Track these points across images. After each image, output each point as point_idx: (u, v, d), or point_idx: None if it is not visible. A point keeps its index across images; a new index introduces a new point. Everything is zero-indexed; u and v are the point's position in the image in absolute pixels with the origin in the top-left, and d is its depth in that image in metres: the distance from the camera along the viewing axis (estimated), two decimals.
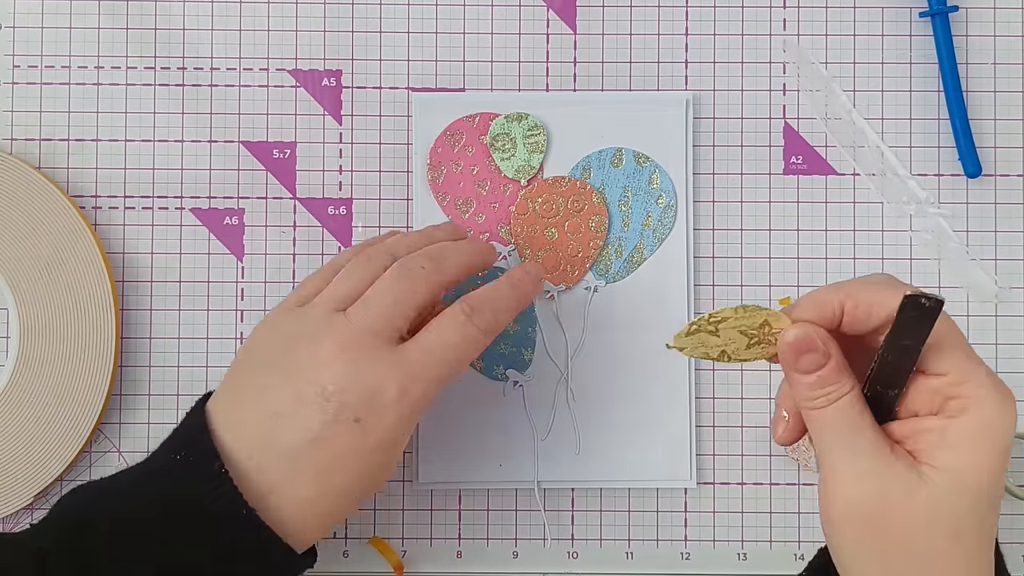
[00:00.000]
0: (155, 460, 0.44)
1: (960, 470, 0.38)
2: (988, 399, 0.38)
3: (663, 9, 0.56)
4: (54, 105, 0.56)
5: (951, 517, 0.38)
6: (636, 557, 0.55)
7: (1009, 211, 0.56)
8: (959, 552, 0.38)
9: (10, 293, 0.53)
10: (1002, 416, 0.38)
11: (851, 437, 0.39)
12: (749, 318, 0.43)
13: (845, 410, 0.39)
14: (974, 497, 0.38)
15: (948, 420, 0.38)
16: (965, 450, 0.38)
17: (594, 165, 0.55)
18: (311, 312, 0.45)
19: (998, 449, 0.38)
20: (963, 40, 0.56)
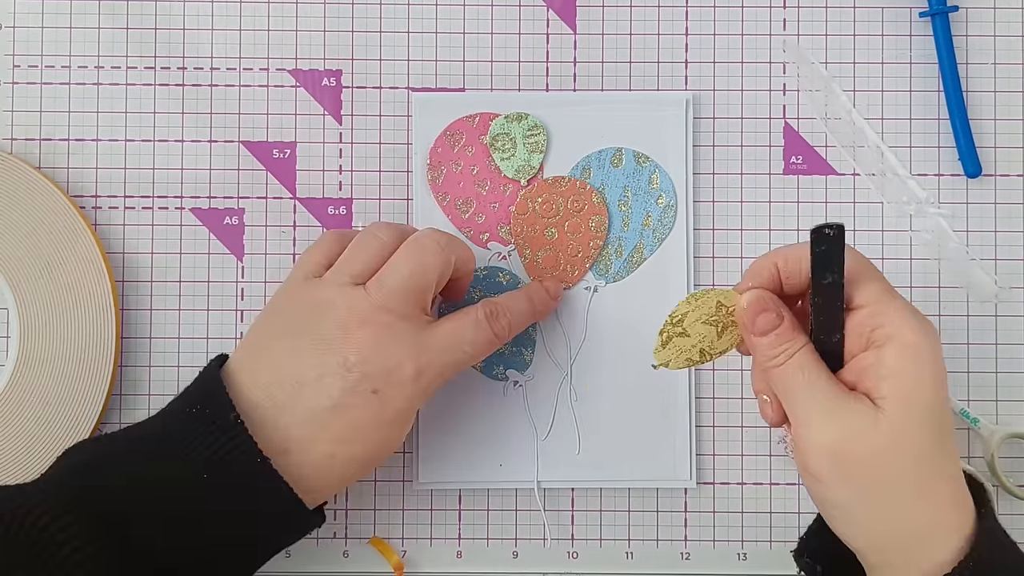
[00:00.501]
0: (170, 415, 0.45)
1: (905, 394, 0.41)
2: (907, 325, 0.41)
3: (663, 9, 0.56)
4: (54, 105, 0.56)
5: (911, 441, 0.41)
6: (636, 557, 0.55)
7: (1009, 211, 0.56)
8: (925, 474, 0.41)
9: (10, 293, 0.53)
10: (925, 339, 0.41)
11: (811, 387, 0.42)
12: (703, 304, 0.46)
13: (802, 363, 0.43)
14: (925, 417, 0.41)
15: (878, 350, 0.42)
16: (903, 374, 0.41)
17: (594, 165, 0.55)
18: (329, 284, 0.47)
19: (931, 369, 0.41)
20: (963, 40, 0.56)
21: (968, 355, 0.55)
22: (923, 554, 0.41)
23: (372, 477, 0.55)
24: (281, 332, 0.47)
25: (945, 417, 0.42)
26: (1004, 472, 0.53)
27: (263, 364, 0.46)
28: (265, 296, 0.55)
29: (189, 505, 0.43)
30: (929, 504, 0.41)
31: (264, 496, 0.43)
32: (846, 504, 0.42)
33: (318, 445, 0.45)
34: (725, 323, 0.47)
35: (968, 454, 0.55)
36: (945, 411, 0.42)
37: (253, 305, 0.55)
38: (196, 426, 0.44)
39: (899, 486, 0.41)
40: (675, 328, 0.47)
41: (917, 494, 0.41)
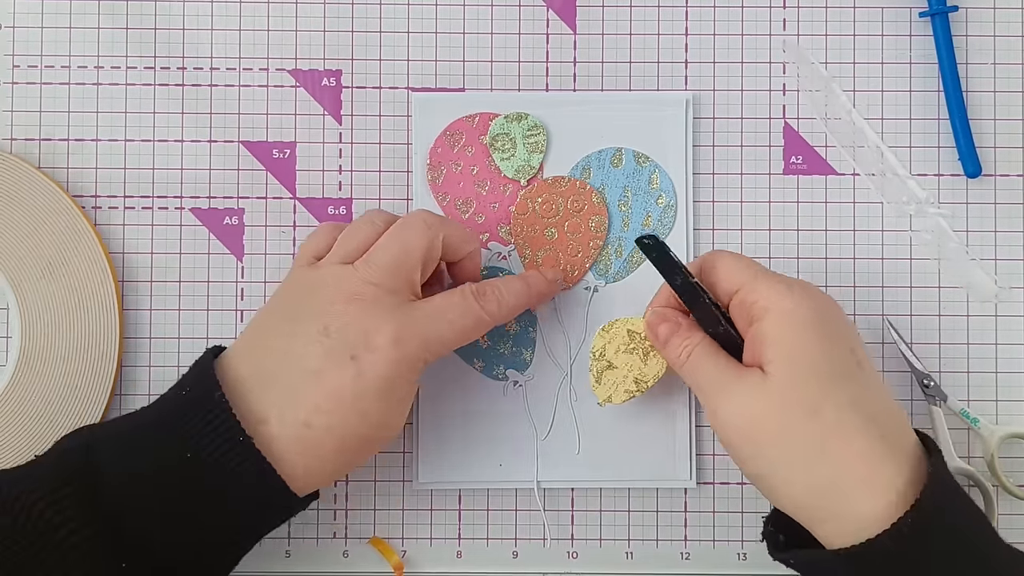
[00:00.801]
0: (164, 399, 0.46)
1: (787, 355, 0.44)
2: (780, 294, 0.45)
3: (663, 9, 0.56)
4: (54, 105, 0.56)
5: (800, 397, 0.43)
6: (636, 557, 0.55)
7: (1009, 211, 0.56)
8: (825, 429, 0.43)
9: (12, 292, 0.53)
10: (801, 303, 0.45)
11: (710, 372, 0.46)
12: (616, 335, 0.52)
13: (701, 354, 0.47)
14: (812, 374, 0.44)
15: (759, 323, 0.45)
16: (782, 338, 0.44)
17: (594, 165, 0.55)
18: (322, 267, 0.48)
19: (812, 328, 0.44)
20: (963, 40, 0.56)
21: (968, 355, 0.55)
22: (846, 507, 0.43)
23: (372, 477, 0.55)
24: (276, 316, 0.48)
25: (842, 372, 0.44)
26: (1004, 472, 0.53)
27: (256, 345, 0.47)
28: (265, 296, 0.55)
29: (176, 485, 0.43)
30: (836, 458, 0.43)
31: (243, 474, 0.43)
32: (762, 470, 0.45)
33: (295, 412, 0.44)
34: (644, 349, 0.51)
35: (968, 454, 0.55)
36: (842, 367, 0.44)
37: (253, 305, 0.55)
38: (183, 407, 0.44)
39: (800, 444, 0.43)
40: (599, 362, 0.52)
41: (821, 449, 0.43)
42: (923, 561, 0.42)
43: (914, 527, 0.41)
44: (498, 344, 0.55)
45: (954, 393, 0.55)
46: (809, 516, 0.44)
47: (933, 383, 0.54)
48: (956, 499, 0.44)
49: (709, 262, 0.48)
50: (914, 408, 0.55)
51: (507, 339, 0.55)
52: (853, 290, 0.55)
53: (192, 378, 0.46)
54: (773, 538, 0.48)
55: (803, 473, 0.44)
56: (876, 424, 0.44)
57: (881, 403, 0.45)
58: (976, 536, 0.43)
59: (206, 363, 0.46)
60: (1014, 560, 0.44)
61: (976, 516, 0.44)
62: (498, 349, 0.55)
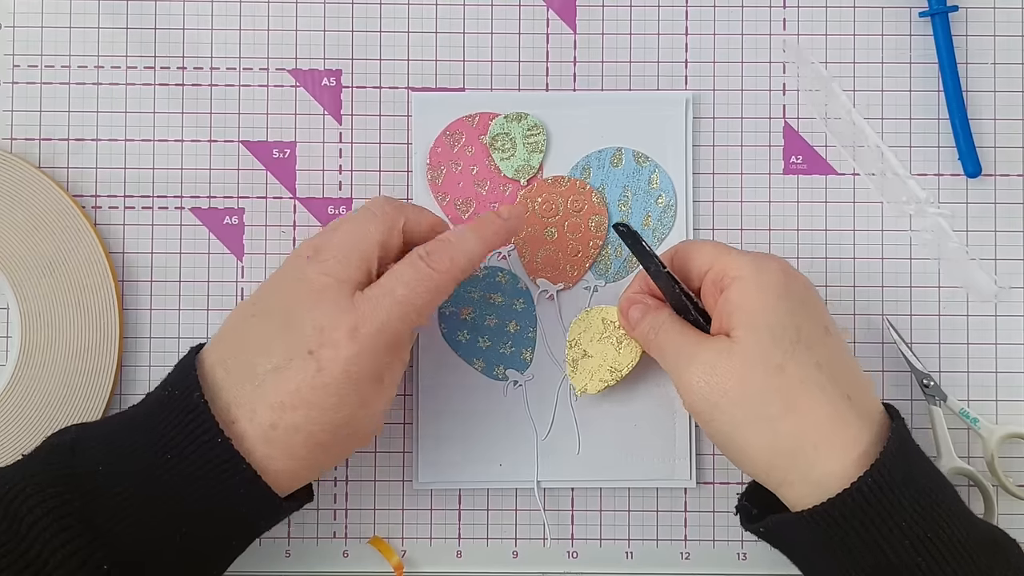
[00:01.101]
0: (149, 399, 0.46)
1: (750, 321, 0.45)
2: (744, 264, 0.46)
3: (663, 9, 0.56)
4: (54, 105, 0.56)
5: (764, 358, 0.45)
6: (636, 557, 0.55)
7: (1009, 211, 0.56)
8: (789, 391, 0.44)
9: (12, 292, 0.53)
10: (764, 271, 0.46)
11: (676, 342, 0.48)
12: (591, 324, 0.53)
13: (667, 329, 0.48)
14: (775, 338, 0.45)
15: (726, 292, 0.46)
16: (745, 304, 0.46)
17: (594, 165, 0.55)
18: (286, 262, 0.48)
19: (775, 294, 0.45)
20: (963, 40, 0.56)
21: (968, 355, 0.55)
22: (809, 467, 0.44)
23: (372, 477, 0.55)
24: (246, 311, 0.47)
25: (808, 336, 0.45)
26: (1004, 472, 0.53)
27: (228, 342, 0.46)
28: None
29: (156, 488, 0.43)
30: (800, 416, 0.44)
31: (223, 475, 0.43)
32: (727, 431, 0.45)
33: (261, 412, 0.44)
34: (618, 337, 0.53)
35: (968, 454, 0.55)
36: (808, 332, 0.45)
37: None
38: (165, 407, 0.44)
39: (763, 405, 0.44)
40: (575, 351, 0.53)
41: (784, 408, 0.44)
42: (885, 519, 0.42)
43: (875, 486, 0.42)
44: (498, 344, 0.55)
45: (954, 393, 0.55)
46: (776, 479, 0.45)
47: (933, 383, 0.54)
48: (918, 461, 0.45)
49: (681, 250, 0.50)
50: (914, 408, 0.55)
51: (507, 339, 0.55)
52: (853, 290, 0.55)
53: (175, 377, 0.46)
54: (746, 511, 0.49)
55: (767, 432, 0.44)
56: (840, 386, 0.45)
57: (847, 368, 0.46)
58: (938, 496, 0.44)
59: (188, 362, 0.46)
60: (973, 522, 0.44)
61: (938, 479, 0.45)
62: (498, 349, 0.55)
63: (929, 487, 0.44)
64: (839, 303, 0.55)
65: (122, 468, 0.43)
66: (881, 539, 0.42)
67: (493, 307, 0.55)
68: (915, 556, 0.42)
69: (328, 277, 0.45)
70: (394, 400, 0.48)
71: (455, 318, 0.55)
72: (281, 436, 0.44)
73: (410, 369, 0.55)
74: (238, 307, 0.48)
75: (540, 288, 0.55)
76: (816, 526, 0.44)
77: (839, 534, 0.43)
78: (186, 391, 0.44)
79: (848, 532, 0.43)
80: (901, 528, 0.42)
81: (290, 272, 0.47)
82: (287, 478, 0.45)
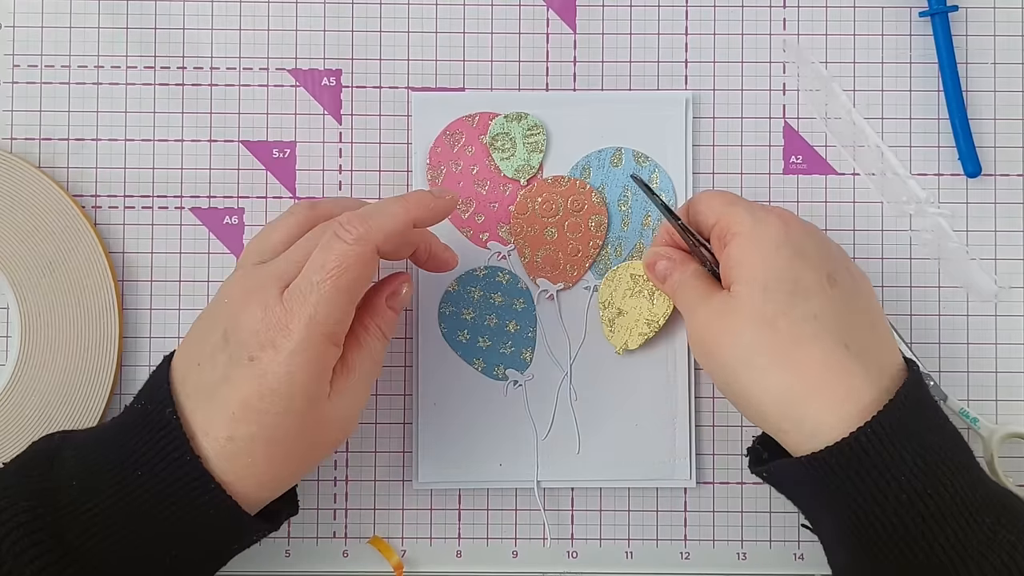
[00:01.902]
0: (126, 410, 0.45)
1: (749, 274, 0.46)
2: (745, 219, 0.47)
3: (663, 9, 0.56)
4: (54, 105, 0.56)
5: (755, 311, 0.45)
6: (636, 557, 0.55)
7: (1009, 211, 0.56)
8: (785, 343, 0.44)
9: (12, 292, 0.53)
10: (764, 225, 0.46)
11: (690, 295, 0.49)
12: (619, 281, 0.54)
13: (691, 282, 0.49)
14: (764, 290, 0.45)
15: (728, 246, 0.47)
16: (744, 258, 0.46)
17: (594, 165, 0.55)
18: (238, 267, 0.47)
19: (767, 250, 0.46)
20: (963, 40, 0.56)
21: (968, 355, 0.55)
22: (801, 416, 0.44)
23: (372, 477, 0.55)
24: (199, 321, 0.46)
25: (808, 288, 0.45)
26: (1004, 472, 0.53)
27: (187, 355, 0.45)
28: None
29: (128, 504, 0.42)
30: (790, 370, 0.44)
31: (190, 493, 0.42)
32: (723, 383, 0.47)
33: (217, 427, 0.42)
34: (650, 289, 0.54)
35: None
36: (808, 284, 0.45)
37: None
38: (137, 422, 0.43)
39: (754, 356, 0.45)
40: (609, 310, 0.54)
41: (774, 362, 0.44)
42: (883, 472, 0.42)
43: (873, 436, 0.42)
44: (498, 344, 0.55)
45: (954, 393, 0.55)
46: (773, 427, 0.46)
47: (933, 383, 0.54)
48: (929, 416, 0.44)
49: (692, 204, 0.50)
50: None
51: (507, 339, 0.55)
52: None
53: (148, 390, 0.45)
54: (756, 454, 0.49)
55: (759, 384, 0.45)
56: (838, 334, 0.44)
57: (852, 318, 0.45)
58: (945, 454, 0.43)
59: (161, 374, 0.45)
60: (983, 482, 0.43)
61: (949, 437, 0.44)
62: (498, 349, 0.55)
63: (937, 443, 0.43)
64: None
65: (94, 483, 0.42)
66: (878, 491, 0.42)
67: (493, 307, 0.55)
68: (913, 511, 0.41)
69: (271, 279, 0.44)
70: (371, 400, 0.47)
71: (455, 318, 0.55)
72: (239, 448, 0.43)
73: (410, 369, 0.55)
74: (199, 316, 0.47)
75: (540, 288, 0.55)
76: (813, 472, 0.43)
77: (835, 482, 0.43)
78: (158, 405, 0.43)
79: (844, 481, 0.42)
80: (899, 482, 0.42)
81: (228, 279, 0.47)
82: (253, 492, 0.44)
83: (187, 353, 0.45)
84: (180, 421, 0.43)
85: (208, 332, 0.44)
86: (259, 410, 0.42)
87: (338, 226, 0.44)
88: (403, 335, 0.55)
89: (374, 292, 0.48)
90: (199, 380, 0.44)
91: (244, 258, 0.47)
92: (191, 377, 0.44)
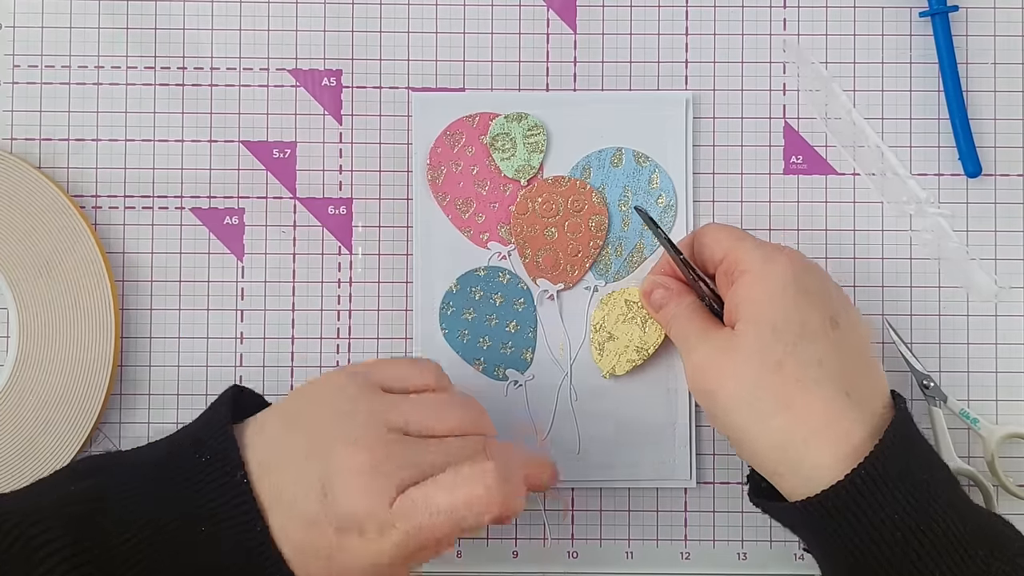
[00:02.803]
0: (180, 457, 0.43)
1: (754, 314, 0.46)
2: (754, 257, 0.47)
3: (663, 9, 0.56)
4: (54, 105, 0.56)
5: (762, 352, 0.45)
6: (636, 557, 0.55)
7: (1009, 211, 0.56)
8: (785, 386, 0.45)
9: (9, 292, 0.53)
10: (771, 265, 0.46)
11: (687, 330, 0.49)
12: (614, 306, 0.54)
13: (685, 315, 0.49)
14: (772, 331, 0.45)
15: (735, 284, 0.47)
16: (750, 298, 0.46)
17: (594, 165, 0.55)
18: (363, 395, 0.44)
19: (780, 289, 0.46)
20: (963, 40, 0.56)
21: (968, 355, 0.55)
22: (799, 461, 0.44)
23: None
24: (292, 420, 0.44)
25: (812, 332, 0.45)
26: (1004, 472, 0.53)
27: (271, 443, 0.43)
28: (265, 296, 0.55)
29: (182, 556, 0.41)
30: (792, 414, 0.44)
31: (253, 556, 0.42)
32: (721, 422, 0.47)
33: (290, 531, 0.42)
34: (643, 317, 0.54)
35: (968, 454, 0.55)
36: (813, 327, 0.45)
37: (253, 305, 0.55)
38: (201, 475, 0.42)
39: (757, 400, 0.45)
40: (600, 334, 0.54)
41: (778, 406, 0.45)
42: (877, 511, 0.42)
43: (867, 478, 0.42)
44: (498, 344, 0.55)
45: (954, 393, 0.55)
46: (769, 470, 0.46)
47: (933, 383, 0.54)
48: (917, 453, 0.45)
49: (699, 236, 0.50)
50: (914, 408, 0.55)
51: (507, 339, 0.55)
52: (853, 290, 0.55)
53: (212, 442, 0.43)
54: (755, 482, 0.50)
55: (758, 426, 0.45)
56: (841, 381, 0.45)
57: (853, 362, 0.46)
58: (935, 490, 0.43)
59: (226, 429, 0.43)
60: (974, 515, 0.44)
61: (937, 471, 0.45)
62: (498, 349, 0.55)
63: (927, 480, 0.44)
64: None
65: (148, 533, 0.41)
66: (873, 530, 0.42)
67: (494, 307, 0.55)
68: (908, 548, 0.42)
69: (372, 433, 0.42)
70: None
71: (456, 318, 0.55)
72: (304, 558, 0.42)
73: None
74: (292, 397, 0.45)
75: (540, 288, 0.55)
76: (809, 516, 0.44)
77: (832, 525, 0.43)
78: (227, 466, 0.42)
79: (841, 523, 0.43)
80: (894, 521, 0.42)
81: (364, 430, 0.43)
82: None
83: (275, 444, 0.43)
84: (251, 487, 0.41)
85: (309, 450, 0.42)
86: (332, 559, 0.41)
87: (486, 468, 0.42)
88: (403, 335, 0.55)
89: None
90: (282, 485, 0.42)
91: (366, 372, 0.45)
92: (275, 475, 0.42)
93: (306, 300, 0.55)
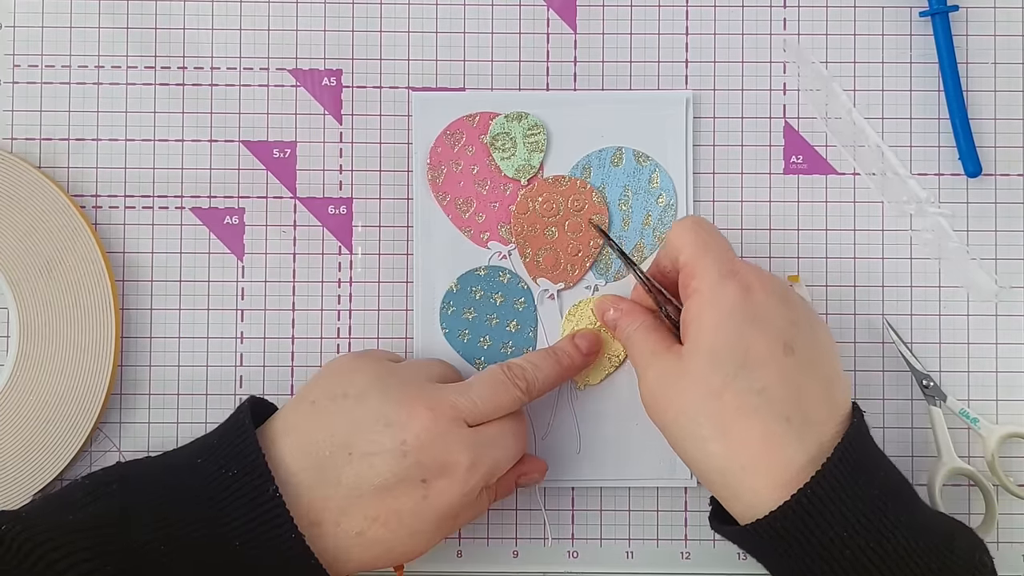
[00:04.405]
0: (205, 474, 0.44)
1: (699, 338, 0.45)
2: (706, 278, 0.45)
3: (663, 9, 0.56)
4: (54, 105, 0.56)
5: (702, 379, 0.44)
6: (636, 557, 0.55)
7: (1009, 211, 0.56)
8: (724, 412, 0.44)
9: (10, 292, 0.53)
10: (717, 290, 0.45)
11: (640, 349, 0.48)
12: (582, 316, 0.54)
13: (641, 335, 0.49)
14: (714, 358, 0.44)
15: (688, 302, 0.46)
16: (698, 320, 0.45)
17: (594, 164, 0.55)
18: (410, 372, 0.49)
19: (722, 316, 0.45)
20: (963, 40, 0.56)
21: (968, 355, 0.55)
22: (738, 486, 0.44)
23: None
24: (343, 395, 0.46)
25: (759, 359, 0.44)
26: (1004, 472, 0.53)
27: (315, 425, 0.46)
28: (265, 296, 0.55)
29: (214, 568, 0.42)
30: (730, 441, 0.44)
31: (289, 569, 0.43)
32: (674, 446, 0.46)
33: (351, 520, 0.44)
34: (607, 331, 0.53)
35: (968, 454, 0.55)
36: (761, 354, 0.44)
37: (253, 305, 0.55)
38: (230, 491, 0.43)
39: (697, 426, 0.44)
40: None
41: (716, 433, 0.44)
42: (825, 531, 0.42)
43: (809, 505, 0.42)
44: (499, 344, 0.55)
45: (954, 393, 0.55)
46: (718, 494, 0.46)
47: (933, 383, 0.54)
48: (866, 469, 0.44)
49: (669, 233, 0.49)
50: (914, 408, 0.55)
51: (508, 339, 0.55)
52: (853, 290, 0.55)
53: (236, 456, 0.44)
54: (716, 505, 0.49)
55: (699, 451, 0.45)
56: (784, 407, 0.44)
57: (803, 387, 0.45)
58: (885, 505, 0.43)
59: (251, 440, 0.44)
60: (927, 525, 0.43)
61: (888, 485, 0.44)
62: (499, 349, 0.55)
63: (877, 496, 0.43)
64: (839, 303, 0.55)
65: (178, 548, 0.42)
66: (823, 549, 0.42)
67: (494, 307, 0.55)
68: (859, 565, 0.42)
69: (460, 415, 0.47)
70: None
71: (456, 318, 0.55)
72: (361, 544, 0.45)
73: None
74: (324, 389, 0.48)
75: (541, 288, 0.55)
76: (758, 539, 0.44)
77: (780, 547, 0.43)
78: (257, 481, 0.43)
79: (790, 543, 0.43)
80: (843, 539, 0.42)
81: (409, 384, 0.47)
82: (345, 572, 0.46)
83: (318, 425, 0.46)
84: (283, 500, 0.43)
85: (366, 419, 0.45)
86: (403, 525, 0.45)
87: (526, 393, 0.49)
88: (404, 335, 0.55)
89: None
90: (342, 468, 0.44)
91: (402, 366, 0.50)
92: (327, 460, 0.44)
93: (306, 300, 0.55)
